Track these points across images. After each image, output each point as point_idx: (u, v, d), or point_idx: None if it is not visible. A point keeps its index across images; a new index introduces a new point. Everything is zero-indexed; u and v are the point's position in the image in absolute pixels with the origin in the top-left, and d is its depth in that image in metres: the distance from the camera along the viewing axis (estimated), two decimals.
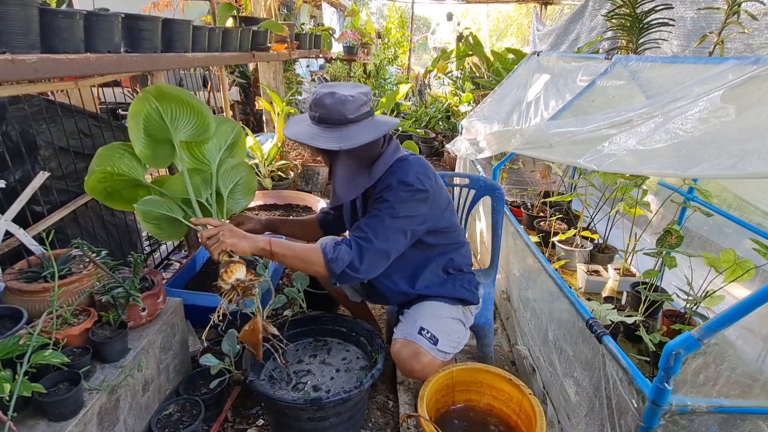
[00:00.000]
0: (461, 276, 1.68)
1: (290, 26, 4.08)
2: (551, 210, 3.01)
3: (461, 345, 1.62)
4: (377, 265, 1.45)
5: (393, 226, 1.43)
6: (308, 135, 1.45)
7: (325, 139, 1.41)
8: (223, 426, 1.67)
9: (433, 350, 1.51)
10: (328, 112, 1.42)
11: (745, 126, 1.04)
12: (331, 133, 1.43)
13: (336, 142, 1.40)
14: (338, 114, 1.42)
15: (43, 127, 1.87)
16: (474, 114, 3.13)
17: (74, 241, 1.46)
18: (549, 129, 1.60)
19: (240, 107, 5.55)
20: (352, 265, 1.41)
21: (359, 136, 1.42)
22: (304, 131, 1.47)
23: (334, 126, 1.43)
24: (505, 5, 11.50)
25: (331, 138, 1.41)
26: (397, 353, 1.52)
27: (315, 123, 1.47)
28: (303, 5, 6.98)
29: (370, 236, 1.42)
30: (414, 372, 1.52)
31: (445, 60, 6.70)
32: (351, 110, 1.42)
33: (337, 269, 1.40)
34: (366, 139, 1.41)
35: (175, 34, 2.12)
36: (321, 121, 1.45)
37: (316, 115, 1.46)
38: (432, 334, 1.52)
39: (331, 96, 1.42)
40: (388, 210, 1.43)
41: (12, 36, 1.29)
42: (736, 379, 1.19)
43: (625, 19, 3.21)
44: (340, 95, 1.42)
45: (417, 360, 1.49)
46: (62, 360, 1.15)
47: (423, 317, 1.57)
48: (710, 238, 2.25)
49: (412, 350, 1.50)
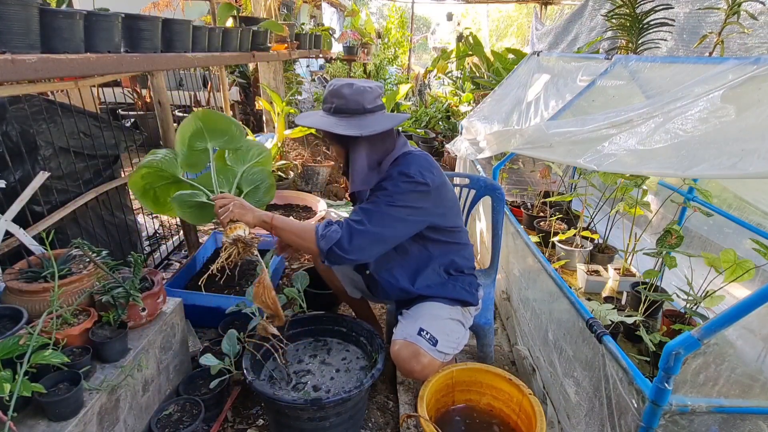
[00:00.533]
0: (462, 277, 1.68)
1: (290, 26, 4.08)
2: (551, 210, 3.01)
3: (461, 346, 1.62)
4: (367, 249, 1.46)
5: (389, 213, 1.45)
6: (326, 124, 1.48)
7: (344, 127, 1.45)
8: (223, 426, 1.67)
9: (433, 351, 1.51)
10: (346, 102, 1.47)
11: (745, 126, 1.04)
12: (349, 121, 1.47)
13: (357, 129, 1.44)
14: (356, 104, 1.47)
15: (43, 127, 1.87)
16: (474, 114, 3.13)
17: (74, 241, 1.46)
18: (549, 129, 1.60)
19: (240, 107, 5.55)
20: (340, 243, 1.43)
21: (377, 124, 1.47)
22: (320, 121, 1.51)
23: (352, 115, 1.48)
24: (505, 5, 11.50)
25: (350, 126, 1.46)
26: (396, 354, 1.52)
27: (331, 114, 1.50)
28: (303, 5, 6.98)
29: (364, 220, 1.45)
30: (414, 372, 1.52)
31: (445, 60, 6.70)
32: (369, 100, 1.48)
33: (325, 246, 1.44)
34: (384, 127, 1.47)
35: (175, 34, 2.12)
36: (338, 112, 1.49)
37: (332, 106, 1.49)
38: (431, 335, 1.52)
39: (349, 86, 1.47)
40: (385, 197, 1.46)
41: (12, 36, 1.29)
42: (736, 379, 1.19)
43: (625, 19, 3.21)
44: (358, 86, 1.47)
45: (417, 361, 1.49)
46: (62, 360, 1.15)
47: (422, 318, 1.57)
48: (710, 238, 2.25)
49: (412, 351, 1.50)
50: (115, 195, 2.30)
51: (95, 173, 2.17)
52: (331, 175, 4.39)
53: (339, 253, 1.44)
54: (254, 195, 1.97)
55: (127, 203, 2.45)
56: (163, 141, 2.59)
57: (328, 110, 1.51)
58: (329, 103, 1.50)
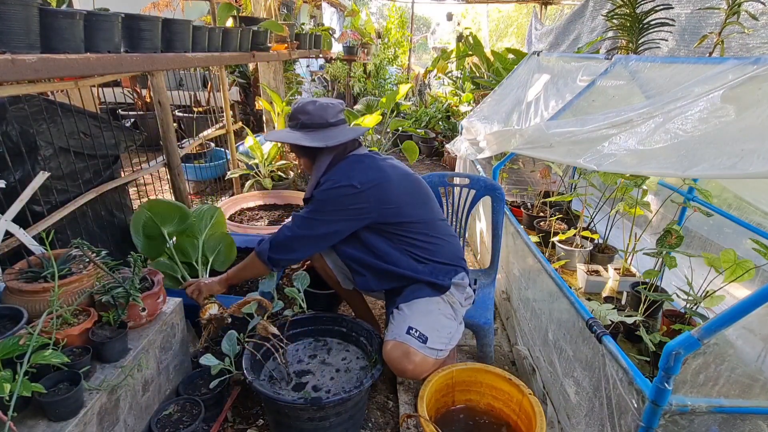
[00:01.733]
0: (435, 266, 1.69)
1: (290, 26, 4.08)
2: (551, 210, 3.01)
3: (454, 340, 1.62)
4: (298, 250, 1.64)
5: (313, 217, 1.59)
6: (294, 138, 1.64)
7: (309, 140, 1.61)
8: (223, 426, 1.67)
9: (423, 348, 1.53)
10: (311, 117, 1.63)
11: (745, 126, 1.04)
12: (315, 134, 1.63)
13: (321, 141, 1.60)
14: (320, 118, 1.63)
15: (43, 127, 1.86)
16: (474, 114, 3.13)
17: (74, 241, 1.46)
18: (549, 129, 1.60)
19: (240, 107, 5.55)
20: (273, 248, 1.64)
21: (341, 135, 1.63)
22: (288, 135, 1.68)
23: (317, 129, 1.63)
24: (505, 5, 11.49)
25: (314, 138, 1.61)
26: (388, 355, 1.54)
27: (297, 129, 1.66)
28: (303, 5, 6.98)
29: (292, 225, 1.63)
30: (407, 372, 1.53)
31: (445, 60, 6.69)
32: (332, 114, 1.64)
33: (264, 256, 1.65)
34: (347, 137, 1.63)
35: (175, 34, 2.12)
36: (303, 127, 1.64)
37: (298, 122, 1.65)
38: (420, 332, 1.54)
39: (312, 103, 1.64)
40: (313, 204, 1.61)
41: (12, 36, 1.29)
42: (736, 379, 1.19)
43: (625, 19, 3.21)
44: (321, 102, 1.64)
45: (408, 360, 1.51)
46: (62, 360, 1.15)
47: (412, 317, 1.59)
48: (710, 238, 2.25)
49: (402, 351, 1.52)
50: (115, 195, 2.29)
51: (95, 173, 2.17)
52: None
53: (276, 258, 1.64)
54: (219, 258, 2.25)
55: (127, 203, 2.45)
56: (163, 141, 2.59)
57: (294, 126, 1.66)
58: (295, 120, 1.65)
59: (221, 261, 2.25)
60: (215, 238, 2.27)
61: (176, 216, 2.13)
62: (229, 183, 4.01)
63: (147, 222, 2.07)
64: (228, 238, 2.31)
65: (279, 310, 1.76)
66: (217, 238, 2.28)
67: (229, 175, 3.66)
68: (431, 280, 1.66)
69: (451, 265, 1.72)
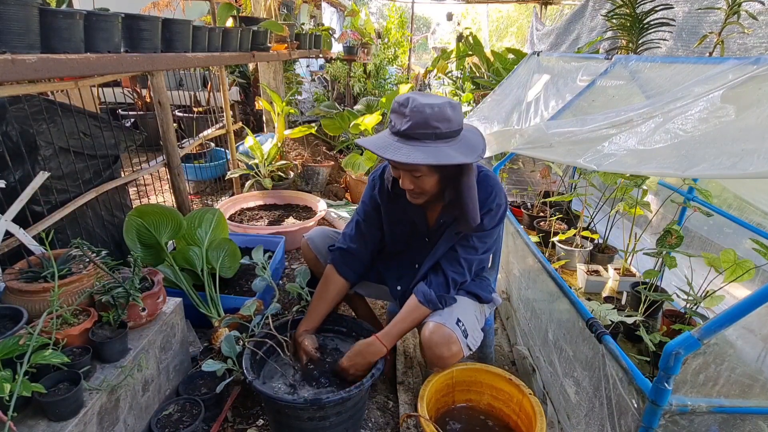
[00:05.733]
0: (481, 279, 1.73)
1: (290, 26, 4.08)
2: (551, 210, 3.01)
3: (477, 346, 1.63)
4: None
5: (484, 258, 1.56)
6: (444, 156, 1.25)
7: (459, 155, 1.25)
8: (223, 426, 1.67)
9: (464, 342, 1.52)
10: (450, 125, 1.27)
11: (745, 126, 1.04)
12: (454, 145, 1.28)
13: (471, 152, 1.28)
14: (458, 124, 1.30)
15: (43, 127, 1.86)
16: (474, 114, 3.12)
17: (74, 241, 1.46)
18: (549, 129, 1.60)
19: (240, 107, 5.55)
20: (447, 299, 1.56)
21: (477, 141, 1.34)
22: (438, 153, 1.25)
23: (453, 138, 1.29)
24: (505, 5, 11.50)
25: (460, 150, 1.27)
26: (429, 336, 1.49)
27: (432, 140, 1.26)
28: (303, 5, 6.99)
29: (465, 273, 1.56)
30: (442, 358, 1.50)
31: (445, 60, 6.68)
32: (460, 115, 1.32)
33: (434, 308, 1.56)
34: (483, 142, 1.35)
35: (175, 34, 2.12)
36: (440, 138, 1.26)
37: (437, 132, 1.26)
38: (466, 328, 1.54)
39: (450, 105, 1.27)
40: (484, 239, 1.51)
41: (12, 36, 1.29)
42: (736, 379, 1.18)
43: (625, 19, 3.21)
44: (449, 101, 1.28)
45: (448, 347, 1.48)
46: (62, 360, 1.15)
47: (458, 309, 1.58)
48: (710, 238, 2.25)
49: (447, 336, 1.49)
50: (115, 195, 2.30)
51: (95, 173, 2.17)
52: (331, 175, 4.39)
53: (449, 303, 1.57)
54: (224, 265, 2.18)
55: (127, 203, 2.45)
56: (163, 141, 2.59)
57: (431, 137, 1.25)
58: (431, 129, 1.24)
59: (227, 266, 2.21)
60: (216, 245, 2.21)
61: (170, 223, 2.03)
62: (229, 183, 4.02)
63: (141, 230, 1.99)
64: (232, 244, 2.26)
65: (276, 312, 1.75)
66: (220, 243, 2.22)
67: (229, 175, 3.66)
68: (475, 291, 1.66)
69: (488, 280, 1.76)
